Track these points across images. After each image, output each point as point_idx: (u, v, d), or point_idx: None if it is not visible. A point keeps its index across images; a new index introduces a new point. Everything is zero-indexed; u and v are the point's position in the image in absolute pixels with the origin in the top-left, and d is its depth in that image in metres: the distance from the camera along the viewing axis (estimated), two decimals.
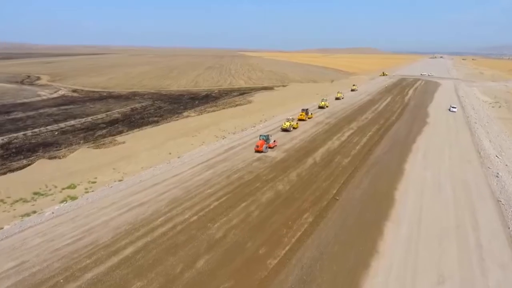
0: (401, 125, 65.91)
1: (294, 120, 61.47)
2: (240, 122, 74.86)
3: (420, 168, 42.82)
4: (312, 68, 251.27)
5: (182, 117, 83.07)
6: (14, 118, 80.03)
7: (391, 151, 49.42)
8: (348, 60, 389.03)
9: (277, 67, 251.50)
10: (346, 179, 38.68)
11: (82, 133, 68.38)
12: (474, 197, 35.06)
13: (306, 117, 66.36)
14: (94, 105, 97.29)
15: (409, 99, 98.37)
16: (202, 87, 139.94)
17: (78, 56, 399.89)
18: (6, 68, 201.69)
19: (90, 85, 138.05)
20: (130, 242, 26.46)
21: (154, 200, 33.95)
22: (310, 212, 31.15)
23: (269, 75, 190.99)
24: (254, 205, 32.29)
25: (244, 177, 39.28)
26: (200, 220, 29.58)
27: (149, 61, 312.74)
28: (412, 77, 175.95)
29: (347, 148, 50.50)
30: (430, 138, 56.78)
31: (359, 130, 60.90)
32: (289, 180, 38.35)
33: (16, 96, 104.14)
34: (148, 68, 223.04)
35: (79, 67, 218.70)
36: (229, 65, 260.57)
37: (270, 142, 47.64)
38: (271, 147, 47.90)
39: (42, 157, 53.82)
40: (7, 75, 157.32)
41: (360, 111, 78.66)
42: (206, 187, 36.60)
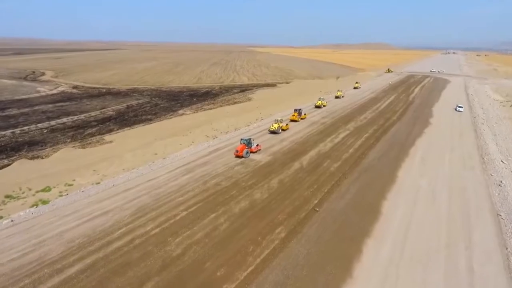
0: (402, 126, 61.95)
1: (284, 122, 58.05)
2: (235, 121, 72.02)
3: (415, 175, 39.25)
4: (319, 64, 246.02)
5: (177, 115, 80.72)
6: (7, 115, 78.88)
7: (386, 155, 45.84)
8: (357, 56, 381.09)
9: (283, 63, 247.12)
10: (331, 187, 35.46)
11: (72, 131, 66.63)
12: (471, 210, 31.48)
13: (299, 117, 62.87)
14: (90, 102, 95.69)
15: (414, 98, 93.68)
16: (204, 84, 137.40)
17: (88, 51, 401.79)
18: (15, 63, 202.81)
19: (92, 81, 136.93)
20: (79, 259, 23.96)
21: (119, 208, 31.44)
22: (284, 225, 28.14)
23: (274, 71, 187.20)
24: (224, 217, 29.45)
25: (221, 183, 36.45)
26: (162, 234, 26.90)
27: (156, 56, 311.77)
28: (421, 73, 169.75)
29: (339, 151, 47.11)
30: (430, 140, 52.85)
31: (356, 131, 57.28)
32: (269, 187, 35.35)
33: (14, 93, 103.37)
34: (154, 64, 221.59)
35: (85, 63, 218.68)
36: (235, 61, 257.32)
37: (252, 146, 44.45)
38: (254, 152, 44.72)
39: (25, 156, 52.13)
40: (12, 71, 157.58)
41: (360, 111, 74.78)
42: (178, 195, 33.92)
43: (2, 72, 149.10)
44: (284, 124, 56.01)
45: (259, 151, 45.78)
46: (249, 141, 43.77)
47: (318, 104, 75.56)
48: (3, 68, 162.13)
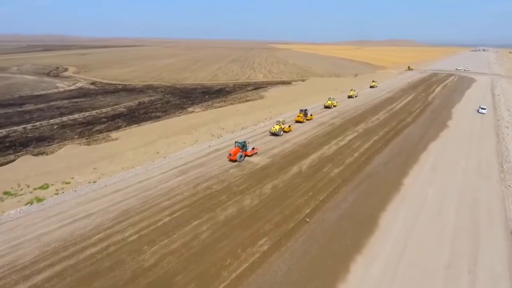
0: (416, 128, 58.05)
1: (287, 123, 55.40)
2: (243, 120, 70.30)
3: (423, 183, 36.06)
4: (339, 62, 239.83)
5: (186, 113, 79.88)
6: (24, 110, 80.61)
7: (393, 160, 42.68)
8: (380, 53, 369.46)
9: (302, 60, 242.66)
10: (327, 195, 33.02)
11: (81, 127, 66.98)
12: (482, 226, 28.25)
13: (305, 118, 60.06)
14: (105, 98, 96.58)
15: (433, 98, 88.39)
16: (219, 81, 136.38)
17: (112, 48, 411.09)
18: (42, 59, 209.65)
19: (110, 77, 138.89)
20: (50, 265, 22.98)
21: (104, 211, 30.42)
22: (269, 237, 26.11)
23: (292, 68, 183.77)
24: (207, 224, 27.76)
25: (212, 187, 34.80)
26: (139, 241, 25.56)
27: (178, 53, 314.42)
28: (445, 72, 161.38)
29: (343, 155, 44.36)
30: (445, 145, 48.98)
31: (365, 134, 54.09)
32: (261, 193, 33.35)
33: (34, 88, 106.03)
34: (173, 60, 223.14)
35: (107, 59, 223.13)
36: (254, 58, 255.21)
37: (248, 150, 42.32)
38: (249, 155, 42.57)
39: (31, 152, 52.54)
40: (37, 67, 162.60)
41: (373, 111, 71.04)
42: (166, 198, 32.56)
43: (27, 67, 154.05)
44: (286, 126, 53.41)
45: (256, 154, 43.60)
46: (243, 144, 41.70)
47: (327, 104, 72.36)
48: (29, 64, 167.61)
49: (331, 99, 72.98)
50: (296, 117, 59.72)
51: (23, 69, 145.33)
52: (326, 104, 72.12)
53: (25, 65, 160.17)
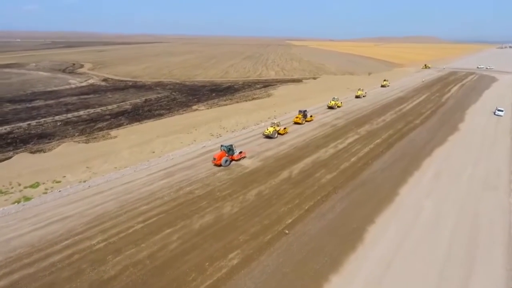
0: (423, 131, 54.54)
1: (282, 125, 52.53)
2: (245, 119, 68.58)
3: (420, 193, 33.23)
4: (355, 59, 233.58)
5: (190, 111, 78.79)
6: (32, 106, 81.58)
7: (393, 166, 39.84)
8: (399, 50, 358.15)
9: (317, 57, 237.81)
10: (313, 204, 30.81)
11: (84, 124, 66.87)
12: (480, 245, 25.41)
13: (303, 120, 57.42)
14: (113, 95, 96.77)
15: (448, 98, 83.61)
16: (229, 78, 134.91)
17: (132, 44, 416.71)
18: (61, 56, 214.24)
19: (123, 74, 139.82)
20: (8, 273, 22.03)
21: (80, 214, 29.42)
22: (241, 249, 24.29)
23: (305, 66, 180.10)
24: (179, 233, 26.21)
25: (195, 192, 33.24)
26: (104, 250, 24.29)
27: (194, 50, 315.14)
28: (465, 70, 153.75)
29: (339, 159, 41.85)
30: (452, 150, 45.55)
31: (367, 136, 51.18)
32: (244, 200, 31.51)
33: (47, 84, 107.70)
34: (188, 57, 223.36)
35: (124, 56, 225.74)
36: (268, 55, 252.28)
37: (235, 154, 40.31)
38: (236, 160, 40.56)
39: (30, 149, 52.54)
40: (55, 63, 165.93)
41: (380, 112, 67.61)
42: (145, 202, 31.26)
43: (45, 64, 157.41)
44: (281, 128, 50.94)
45: (244, 158, 41.48)
46: (230, 148, 39.68)
47: (331, 104, 69.26)
48: (48, 61, 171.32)
49: (335, 99, 69.92)
50: (294, 119, 57.28)
51: (40, 66, 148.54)
52: (329, 105, 69.17)
53: (44, 62, 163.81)
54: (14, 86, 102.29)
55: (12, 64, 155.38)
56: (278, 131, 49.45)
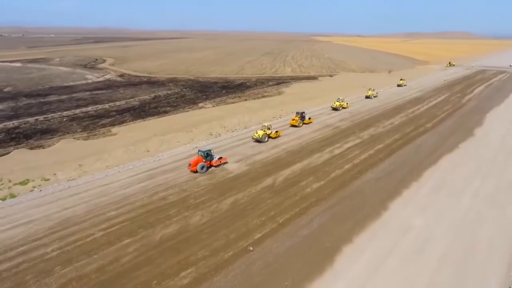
0: (433, 136, 50.04)
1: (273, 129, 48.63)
2: (249, 118, 66.46)
3: (413, 209, 29.77)
4: (379, 56, 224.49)
5: (195, 108, 77.62)
6: (46, 101, 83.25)
7: (389, 176, 36.32)
8: (428, 47, 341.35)
9: (339, 53, 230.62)
10: (290, 217, 28.24)
11: (89, 121, 67.10)
12: (470, 278, 21.91)
13: (301, 122, 54.20)
14: (124, 91, 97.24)
15: (469, 100, 77.18)
16: (244, 75, 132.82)
17: (158, 40, 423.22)
18: (87, 51, 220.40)
19: (140, 69, 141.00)
20: None
21: (46, 218, 28.52)
22: (197, 267, 22.28)
23: (324, 62, 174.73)
24: (137, 244, 24.57)
25: (169, 198, 31.55)
26: (56, 259, 23.10)
27: (216, 46, 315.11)
28: (496, 68, 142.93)
29: (331, 166, 38.78)
30: (462, 159, 41.18)
31: (369, 141, 47.53)
32: (216, 209, 29.43)
33: (65, 79, 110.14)
34: (208, 53, 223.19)
35: (146, 52, 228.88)
36: (289, 51, 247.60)
37: (214, 159, 37.91)
38: (215, 166, 38.15)
39: (32, 145, 52.97)
40: (78, 58, 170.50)
41: (390, 114, 63.11)
42: (114, 207, 29.92)
43: (69, 59, 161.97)
44: (273, 131, 47.85)
45: (226, 163, 38.94)
46: (208, 153, 37.30)
47: (335, 105, 65.28)
48: (71, 56, 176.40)
49: (339, 100, 65.92)
50: (290, 121, 54.18)
51: (64, 61, 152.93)
52: (333, 106, 65.27)
53: (68, 57, 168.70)
54: (34, 81, 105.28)
55: (39, 59, 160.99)
56: (269, 134, 46.59)
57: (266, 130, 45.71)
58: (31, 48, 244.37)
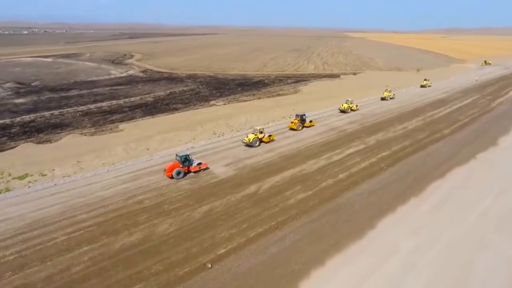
0: (448, 144, 45.19)
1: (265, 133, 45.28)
2: (257, 117, 64.50)
3: (405, 230, 26.35)
4: (411, 53, 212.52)
5: (206, 106, 76.65)
6: (66, 96, 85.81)
7: (386, 188, 32.81)
8: (467, 43, 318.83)
9: (369, 50, 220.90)
10: (263, 231, 25.93)
11: (100, 116, 68.00)
12: None
13: (301, 126, 50.48)
14: (143, 87, 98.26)
15: (500, 103, 69.72)
16: (264, 72, 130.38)
17: (189, 36, 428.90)
18: (118, 47, 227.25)
19: (164, 65, 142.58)
20: None
21: (19, 217, 28.23)
22: (146, 283, 20.77)
23: (350, 60, 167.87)
24: (94, 253, 23.43)
25: (144, 202, 30.29)
26: (10, 264, 22.49)
27: (244, 41, 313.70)
28: None
29: (325, 174, 35.78)
30: (475, 173, 36.54)
31: (374, 147, 43.72)
32: (188, 218, 27.73)
33: (89, 74, 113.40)
34: (234, 49, 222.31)
35: (174, 47, 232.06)
36: (317, 47, 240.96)
37: (192, 165, 35.78)
38: (195, 172, 36.02)
39: (41, 139, 54.18)
40: (108, 54, 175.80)
41: (405, 117, 58.14)
42: (88, 210, 29.14)
43: (99, 54, 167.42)
44: (266, 135, 44.68)
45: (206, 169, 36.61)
46: (185, 158, 35.17)
47: (342, 107, 60.98)
48: (102, 51, 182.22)
49: (348, 101, 61.60)
50: (289, 124, 51.02)
51: (93, 56, 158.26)
52: (341, 108, 61.07)
53: (98, 52, 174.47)
54: (60, 76, 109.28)
55: (71, 54, 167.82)
56: (262, 139, 43.88)
57: (258, 134, 43.12)
58: (69, 43, 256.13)
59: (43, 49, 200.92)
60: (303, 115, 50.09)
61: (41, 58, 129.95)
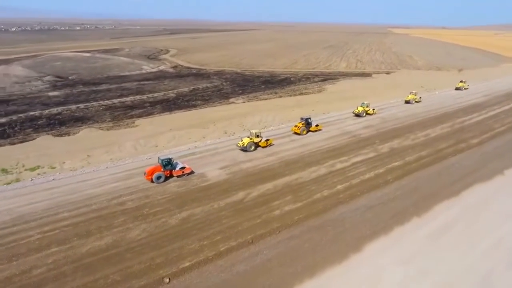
0: (473, 156, 39.82)
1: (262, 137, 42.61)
2: (273, 117, 62.47)
3: (392, 257, 23.01)
4: (456, 51, 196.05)
5: (225, 103, 75.60)
6: (96, 90, 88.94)
7: (386, 205, 29.26)
8: None
9: (410, 48, 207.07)
10: (236, 246, 23.98)
11: (121, 111, 69.36)
12: None
13: (305, 130, 46.94)
14: (169, 82, 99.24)
15: None
16: (293, 69, 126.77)
17: (227, 32, 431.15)
18: (157, 42, 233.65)
19: (195, 61, 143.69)
20: None
21: (7, 211, 28.95)
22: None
23: (387, 58, 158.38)
24: (59, 255, 23.07)
25: (126, 204, 29.61)
26: None
27: (280, 37, 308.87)
28: None
29: (321, 184, 32.85)
30: (497, 193, 31.53)
31: (386, 156, 39.68)
32: (163, 224, 26.54)
33: (122, 69, 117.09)
34: (268, 46, 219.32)
35: (210, 43, 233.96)
36: (353, 44, 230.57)
37: (175, 169, 34.01)
38: (178, 176, 34.27)
39: (61, 132, 56.11)
40: (145, 49, 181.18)
41: (429, 123, 52.42)
42: (71, 208, 29.08)
43: (136, 50, 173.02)
44: (263, 140, 41.81)
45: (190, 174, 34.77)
46: (167, 162, 33.48)
47: (357, 111, 56.11)
48: (140, 46, 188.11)
49: (363, 105, 56.74)
50: (293, 128, 47.80)
51: (131, 51, 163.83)
52: (355, 112, 56.39)
53: (137, 47, 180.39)
54: (96, 70, 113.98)
55: (112, 50, 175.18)
56: (258, 143, 41.30)
57: (254, 137, 40.68)
58: (114, 39, 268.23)
59: (89, 44, 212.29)
60: (309, 119, 46.77)
61: (81, 53, 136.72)
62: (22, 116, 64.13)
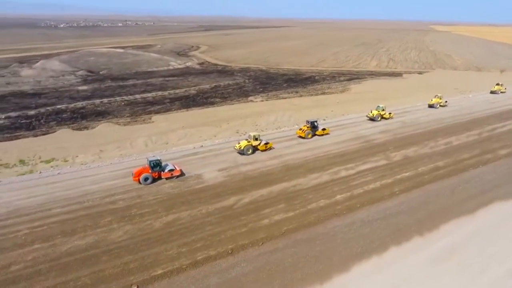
0: (498, 169, 35.45)
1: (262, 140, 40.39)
2: (288, 117, 60.95)
3: (380, 283, 20.64)
4: (502, 50, 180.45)
5: (243, 101, 74.67)
6: (123, 85, 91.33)
7: (385, 221, 26.59)
8: None
9: (450, 46, 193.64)
10: (214, 255, 22.74)
11: (141, 106, 70.49)
12: None
13: (310, 134, 44.18)
14: (193, 79, 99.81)
15: None
16: (319, 67, 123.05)
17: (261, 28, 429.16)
18: (189, 39, 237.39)
19: (223, 58, 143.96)
20: None
21: (5, 204, 29.78)
22: None
23: (423, 57, 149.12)
24: (40, 252, 23.13)
25: (117, 203, 29.43)
26: None
27: (312, 34, 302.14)
28: None
29: (320, 193, 30.67)
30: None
31: (398, 164, 36.47)
32: (146, 227, 25.91)
33: (150, 65, 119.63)
34: (298, 43, 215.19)
35: (241, 40, 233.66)
36: (389, 42, 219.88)
37: (165, 170, 33.14)
38: (167, 178, 33.19)
39: (80, 125, 57.79)
40: (177, 45, 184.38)
41: (456, 129, 47.79)
42: (65, 204, 29.39)
43: (168, 46, 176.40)
44: (262, 143, 39.72)
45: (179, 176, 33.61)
46: (156, 164, 32.60)
47: (371, 115, 51.98)
48: (172, 43, 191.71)
49: (379, 108, 52.59)
50: (297, 131, 45.16)
51: (163, 48, 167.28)
52: (369, 115, 52.26)
53: (169, 44, 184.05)
54: (126, 66, 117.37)
55: (145, 46, 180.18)
56: (257, 146, 39.26)
57: (252, 141, 38.77)
58: (150, 35, 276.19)
59: (126, 40, 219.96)
60: (315, 122, 44.05)
61: (114, 49, 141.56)
62: (50, 109, 66.84)
